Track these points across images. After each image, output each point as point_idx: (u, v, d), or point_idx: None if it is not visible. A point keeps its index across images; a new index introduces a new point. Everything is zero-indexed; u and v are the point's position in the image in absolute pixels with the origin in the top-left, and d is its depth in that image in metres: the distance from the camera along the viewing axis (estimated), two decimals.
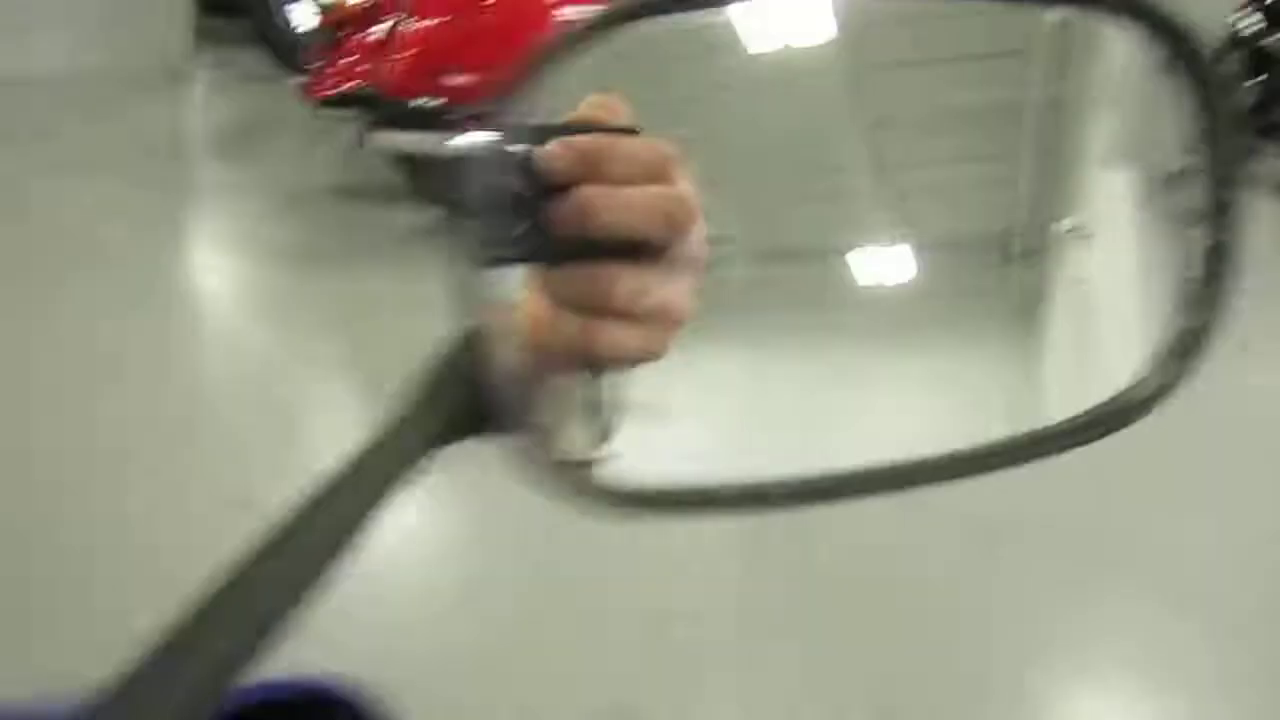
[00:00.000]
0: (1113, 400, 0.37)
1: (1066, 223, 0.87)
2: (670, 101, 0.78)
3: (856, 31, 0.94)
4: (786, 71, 0.89)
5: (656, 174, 0.44)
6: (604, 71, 0.85)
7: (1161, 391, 0.39)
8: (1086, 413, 0.37)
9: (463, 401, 0.38)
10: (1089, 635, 2.60)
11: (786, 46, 0.91)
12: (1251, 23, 4.92)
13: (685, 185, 0.45)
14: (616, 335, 0.44)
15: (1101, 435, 0.39)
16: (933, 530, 2.81)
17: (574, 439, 0.68)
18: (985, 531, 2.84)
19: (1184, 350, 0.39)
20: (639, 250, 0.44)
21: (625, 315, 0.44)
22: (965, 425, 0.94)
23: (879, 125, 0.94)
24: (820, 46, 0.92)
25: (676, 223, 0.44)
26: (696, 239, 0.46)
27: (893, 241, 0.96)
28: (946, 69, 0.90)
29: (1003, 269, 0.97)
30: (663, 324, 0.46)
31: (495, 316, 0.45)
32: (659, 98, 0.70)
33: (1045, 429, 0.35)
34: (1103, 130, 0.85)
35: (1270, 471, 3.17)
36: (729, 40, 0.87)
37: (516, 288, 0.49)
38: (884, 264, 0.95)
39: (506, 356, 0.36)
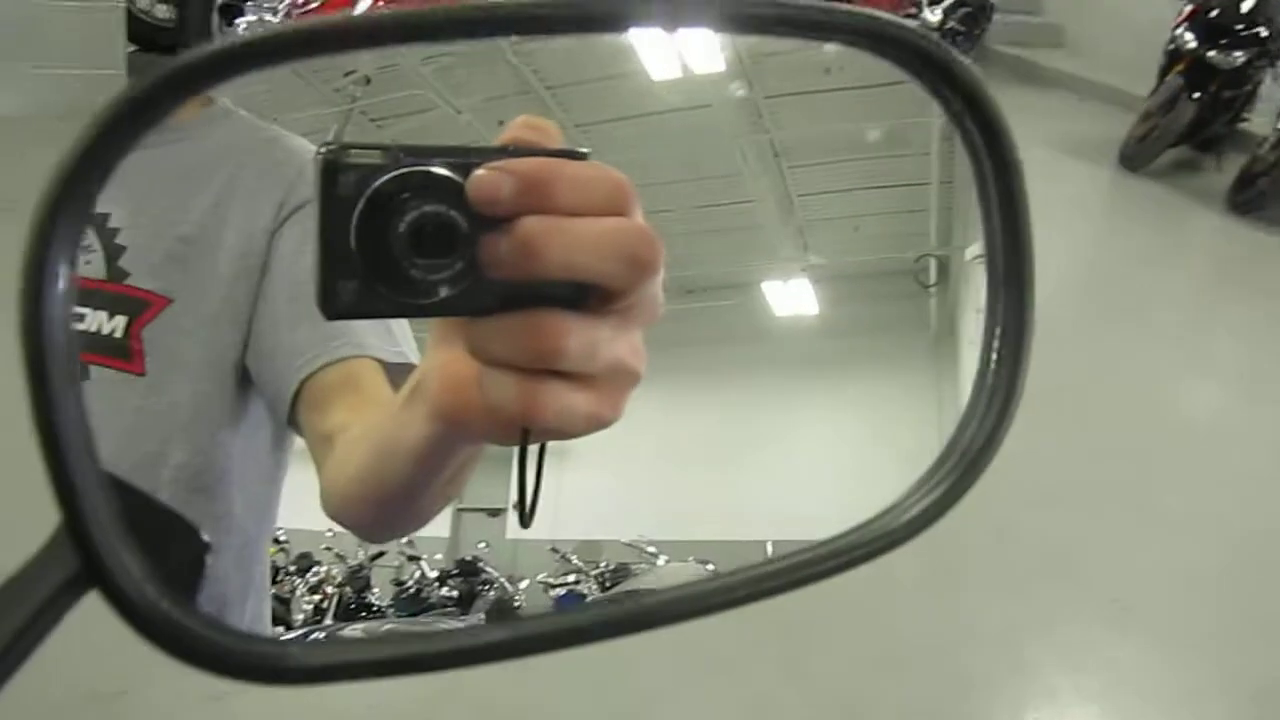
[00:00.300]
0: (870, 524, 0.31)
1: (973, 249, 0.85)
2: (568, 131, 0.75)
3: (758, 60, 0.92)
4: (688, 101, 0.87)
5: (612, 205, 0.36)
6: (499, 97, 0.83)
7: (925, 520, 0.32)
8: (843, 535, 0.31)
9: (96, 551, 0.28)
10: (1050, 658, 2.59)
11: (686, 75, 0.89)
12: (1192, 36, 4.99)
13: (643, 219, 0.38)
14: (564, 399, 0.36)
15: (860, 563, 0.33)
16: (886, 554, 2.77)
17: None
18: (941, 554, 2.82)
19: (959, 470, 0.32)
20: (589, 296, 0.36)
21: (574, 375, 0.37)
22: (871, 474, 0.92)
23: (784, 155, 0.92)
24: (721, 75, 0.90)
25: (642, 264, 0.35)
26: (658, 284, 0.38)
27: (807, 272, 0.94)
28: (851, 97, 0.88)
29: (917, 297, 0.95)
30: (616, 385, 0.39)
31: (436, 402, 0.38)
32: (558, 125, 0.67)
33: (798, 558, 0.30)
34: None
35: (1223, 488, 3.18)
36: (631, 69, 0.85)
37: (435, 341, 0.42)
38: (798, 295, 0.93)
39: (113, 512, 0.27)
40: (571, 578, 0.99)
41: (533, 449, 0.38)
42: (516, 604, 0.92)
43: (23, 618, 0.27)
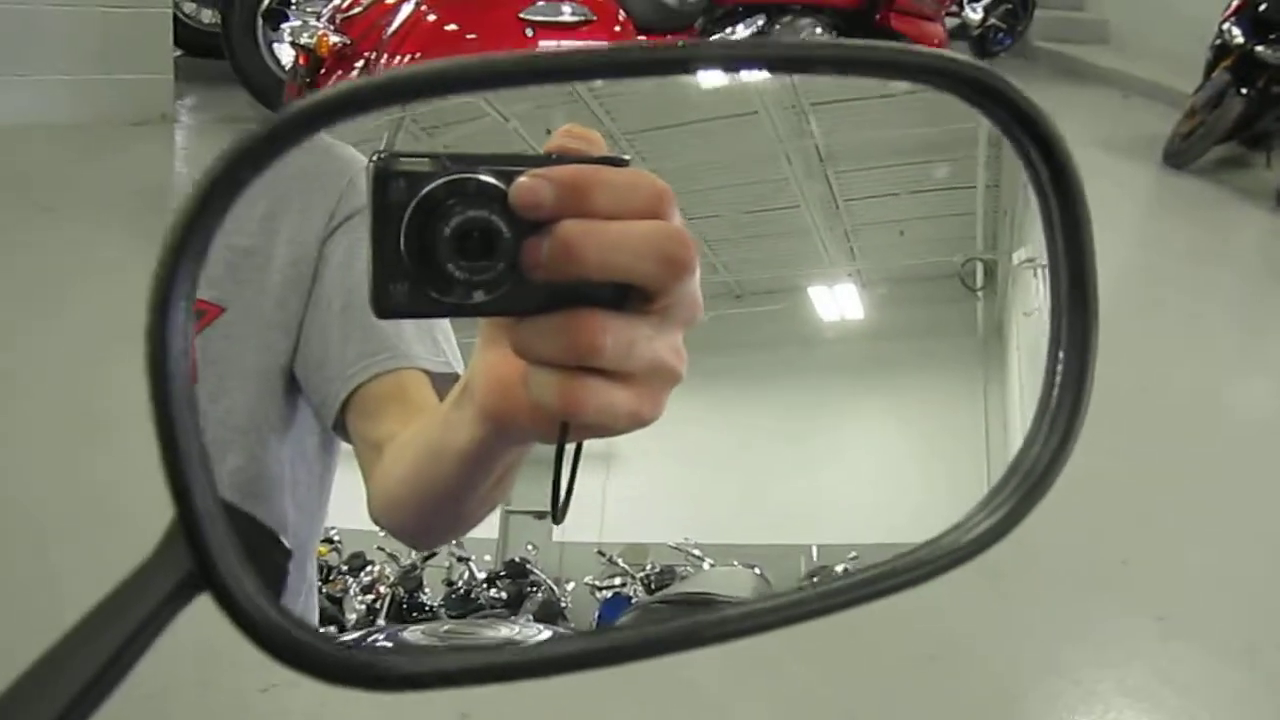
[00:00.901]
0: (937, 541, 0.33)
1: (1020, 254, 0.85)
2: (614, 138, 0.76)
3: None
4: (734, 106, 0.87)
5: (650, 209, 0.38)
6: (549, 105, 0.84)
7: (988, 539, 0.34)
8: (910, 553, 0.33)
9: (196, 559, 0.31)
10: (1092, 663, 2.57)
11: (733, 81, 0.89)
12: (1239, 31, 4.93)
13: (679, 220, 0.39)
14: (604, 396, 0.38)
15: (927, 579, 0.34)
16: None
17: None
18: (985, 559, 2.80)
19: (1022, 490, 0.34)
20: (628, 296, 0.38)
21: (614, 373, 0.38)
22: (913, 480, 0.92)
23: (829, 160, 0.92)
24: (768, 81, 0.90)
25: (676, 263, 0.38)
26: (694, 284, 0.40)
27: (853, 276, 0.94)
28: (895, 102, 0.88)
29: (963, 301, 0.95)
30: (656, 383, 0.40)
31: (482, 404, 0.40)
32: (603, 133, 0.68)
33: (848, 576, 0.31)
34: None
35: (1270, 494, 3.14)
36: (678, 76, 0.86)
37: (482, 344, 0.43)
38: (844, 299, 0.93)
39: (221, 524, 0.30)
40: (618, 580, 1.00)
41: (571, 447, 0.40)
42: (564, 606, 0.93)
43: (139, 618, 0.29)
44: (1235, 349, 4.20)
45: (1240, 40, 4.95)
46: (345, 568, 1.17)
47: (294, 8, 4.95)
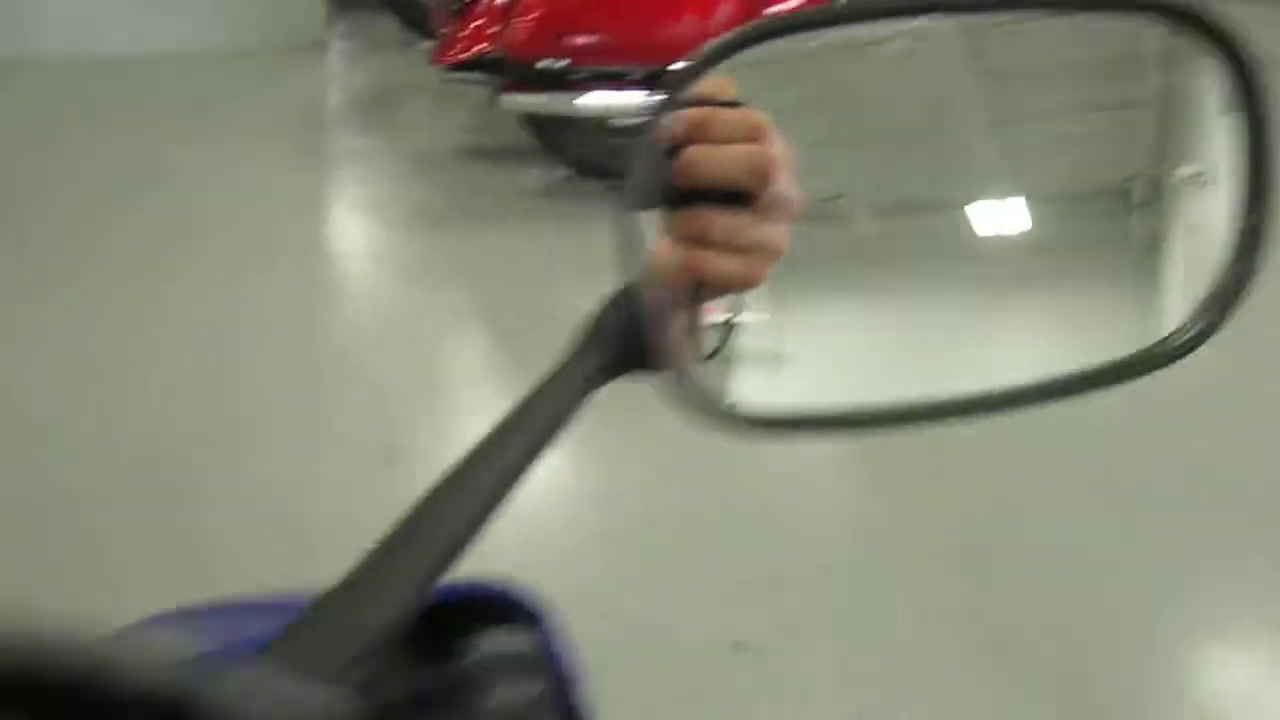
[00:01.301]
0: (1158, 344, 0.42)
1: (1186, 169, 0.88)
2: (790, 61, 0.82)
3: None
4: (903, 28, 0.91)
5: (750, 136, 0.55)
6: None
7: (1200, 337, 0.44)
8: (1130, 356, 0.42)
9: (622, 342, 0.48)
10: (1222, 586, 2.56)
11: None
12: None
13: (773, 145, 0.56)
14: (717, 263, 0.55)
15: (1140, 375, 0.46)
16: (1060, 474, 2.79)
17: (710, 374, 0.75)
18: (1114, 476, 2.80)
19: (1221, 299, 0.43)
20: (736, 197, 0.55)
21: (725, 247, 0.55)
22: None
23: (997, 79, 0.96)
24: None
25: (762, 173, 0.55)
26: (784, 189, 0.56)
27: (1012, 193, 0.98)
28: (1065, 23, 0.91)
29: (1124, 217, 0.98)
30: (758, 256, 0.56)
31: (648, 265, 0.56)
32: (780, 60, 0.74)
33: (1087, 369, 0.40)
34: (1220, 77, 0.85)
35: None
36: None
37: (654, 229, 0.58)
38: (1003, 215, 0.97)
39: (657, 301, 0.47)
40: None
41: (723, 321, 0.58)
42: None
43: (571, 392, 0.40)
44: None
45: None
46: None
47: None
